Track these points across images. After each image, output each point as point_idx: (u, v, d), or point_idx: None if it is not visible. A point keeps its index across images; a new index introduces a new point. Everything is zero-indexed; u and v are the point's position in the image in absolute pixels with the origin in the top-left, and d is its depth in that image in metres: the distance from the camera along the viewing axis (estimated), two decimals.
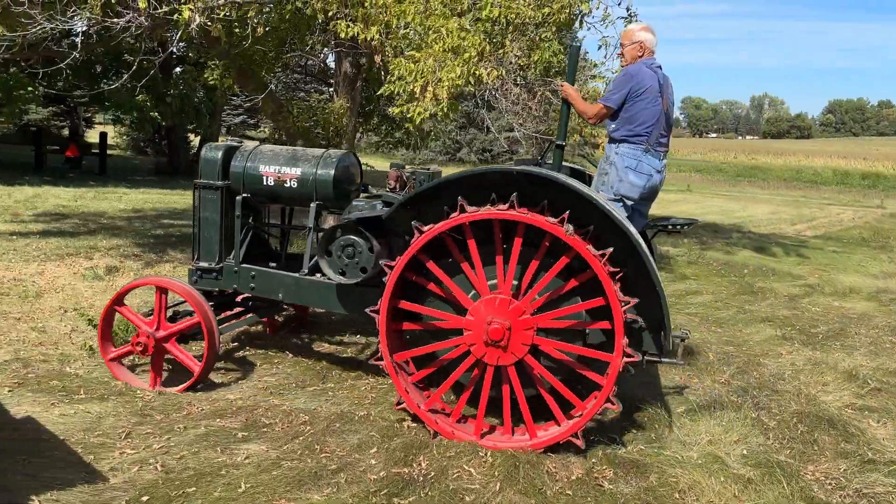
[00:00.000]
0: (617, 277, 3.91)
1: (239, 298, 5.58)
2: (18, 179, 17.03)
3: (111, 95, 19.29)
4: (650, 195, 4.67)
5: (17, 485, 3.43)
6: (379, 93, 6.90)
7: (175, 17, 5.90)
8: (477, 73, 5.82)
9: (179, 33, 6.15)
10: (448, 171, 5.05)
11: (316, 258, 4.71)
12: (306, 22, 7.19)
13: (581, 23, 8.01)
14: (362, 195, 5.02)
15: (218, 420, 4.42)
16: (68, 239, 9.99)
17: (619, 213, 4.09)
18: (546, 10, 6.40)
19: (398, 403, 4.37)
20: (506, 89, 6.66)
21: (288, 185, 5.02)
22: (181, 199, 16.99)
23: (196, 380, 4.85)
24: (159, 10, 5.84)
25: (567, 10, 6.43)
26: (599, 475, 3.95)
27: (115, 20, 6.09)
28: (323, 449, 4.08)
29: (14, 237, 9.67)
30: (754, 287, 9.66)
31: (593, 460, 4.13)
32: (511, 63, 7.62)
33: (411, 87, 5.83)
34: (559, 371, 4.21)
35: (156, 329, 4.90)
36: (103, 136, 23.13)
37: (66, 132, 28.41)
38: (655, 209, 5.50)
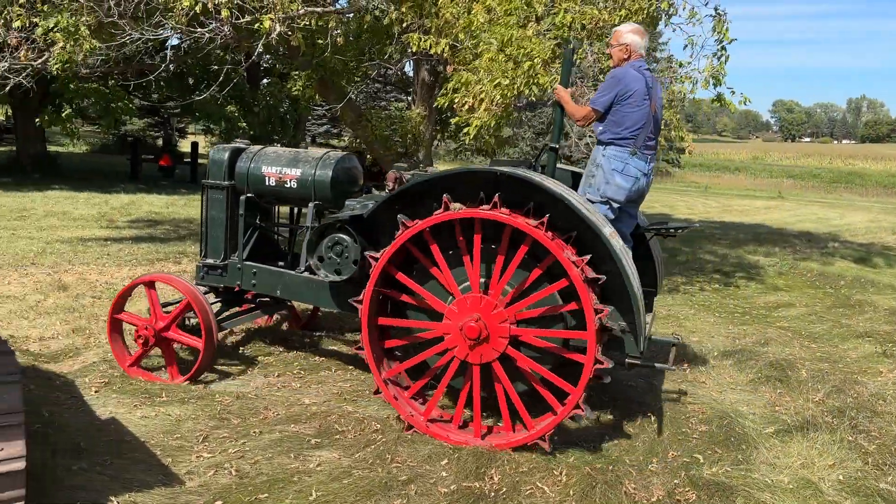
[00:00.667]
0: (598, 283, 3.95)
1: (249, 295, 5.70)
2: (115, 187, 17.90)
3: (201, 106, 20.11)
4: (637, 197, 4.70)
5: (99, 485, 3.53)
6: (435, 105, 6.87)
7: (256, 27, 6.04)
8: (539, 80, 5.69)
9: (261, 43, 6.27)
10: None
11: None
12: (384, 31, 7.23)
13: (665, 22, 7.76)
14: (364, 196, 5.09)
15: (292, 425, 4.45)
16: (159, 244, 10.40)
17: (595, 214, 4.10)
18: (623, 11, 6.20)
19: (376, 392, 4.51)
20: (578, 94, 6.49)
21: (288, 185, 5.17)
22: None
23: (199, 366, 5.01)
24: (241, 21, 5.99)
25: (644, 11, 6.21)
26: (681, 497, 3.75)
27: (200, 30, 6.29)
28: (394, 459, 4.04)
29: (108, 242, 10.13)
30: (852, 300, 9.09)
31: (675, 481, 3.93)
32: (590, 67, 7.45)
33: (466, 98, 5.79)
34: (529, 378, 4.23)
35: (154, 322, 5.09)
36: (195, 145, 24.10)
37: (160, 142, 29.74)
38: (742, 216, 5.26)
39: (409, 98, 11.80)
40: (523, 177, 4.02)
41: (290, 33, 6.13)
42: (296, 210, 5.92)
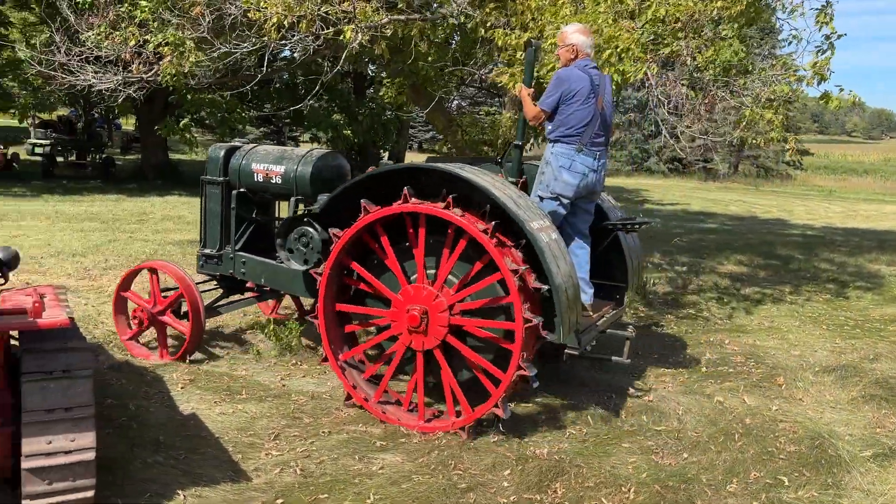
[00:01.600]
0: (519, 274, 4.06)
1: (250, 283, 6.01)
2: None
3: (310, 115, 20.86)
4: (587, 193, 4.83)
5: (170, 478, 3.69)
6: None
7: (340, 37, 6.17)
8: (621, 67, 5.48)
9: (345, 54, 6.40)
10: (620, 181, 4.79)
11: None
12: (469, 36, 7.21)
13: (768, 17, 7.32)
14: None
15: (361, 426, 4.50)
16: None
17: (524, 208, 4.18)
18: (718, 3, 5.88)
19: (323, 360, 4.83)
20: (668, 88, 6.22)
21: (274, 181, 5.51)
22: None
23: (186, 347, 5.45)
24: (325, 31, 6.14)
25: (743, 2, 5.86)
26: None
27: (287, 42, 6.50)
28: (456, 466, 4.00)
29: (186, 245, 10.64)
30: None
31: (754, 503, 3.68)
32: (686, 64, 7.13)
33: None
34: (468, 366, 4.42)
35: (153, 305, 5.57)
36: None
37: None
38: (868, 222, 4.84)
39: (502, 102, 11.74)
40: (444, 170, 4.26)
41: (371, 43, 6.23)
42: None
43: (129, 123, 35.59)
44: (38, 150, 20.50)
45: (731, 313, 7.96)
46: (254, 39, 6.52)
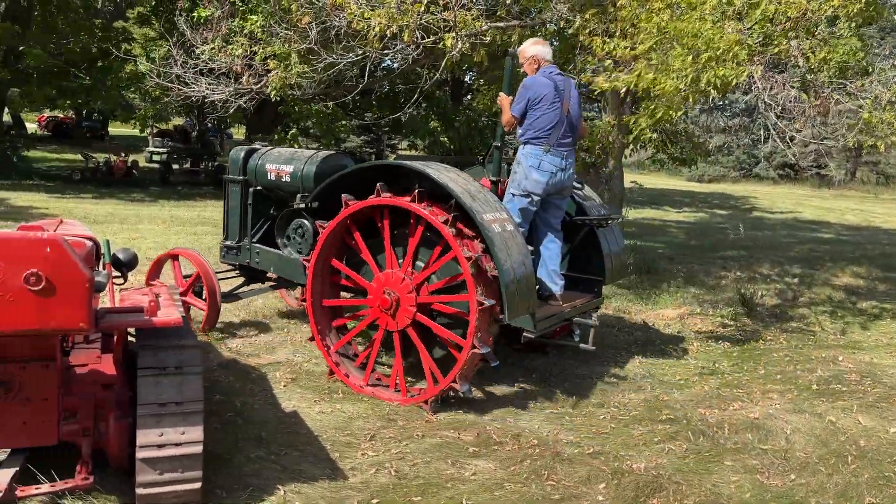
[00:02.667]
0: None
1: (270, 273, 6.35)
2: None
3: (408, 123, 21.22)
4: (556, 190, 5.26)
5: (270, 473, 3.83)
6: (597, 91, 6.65)
7: (441, 45, 6.26)
8: (720, 72, 5.27)
9: (444, 61, 6.49)
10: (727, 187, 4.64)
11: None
12: (569, 41, 7.15)
13: (890, 15, 6.88)
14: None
15: (453, 431, 4.52)
16: None
17: (477, 201, 4.55)
18: (835, 1, 5.58)
19: (310, 339, 5.32)
20: (774, 92, 5.94)
21: (284, 179, 5.93)
22: None
23: (205, 323, 6.08)
24: (425, 40, 6.24)
25: (861, 0, 5.54)
26: None
27: (388, 52, 6.65)
28: (549, 476, 3.96)
29: None
30: None
31: None
32: (798, 66, 6.81)
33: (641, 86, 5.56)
34: (443, 344, 4.86)
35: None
36: None
37: (372, 158, 31.85)
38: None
39: (599, 107, 11.55)
40: (410, 167, 4.77)
41: (471, 52, 6.28)
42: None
43: (239, 133, 37.30)
44: (156, 158, 21.80)
45: (845, 328, 7.51)
46: (358, 51, 6.70)
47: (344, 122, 19.93)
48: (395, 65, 7.84)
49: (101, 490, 3.40)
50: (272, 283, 6.68)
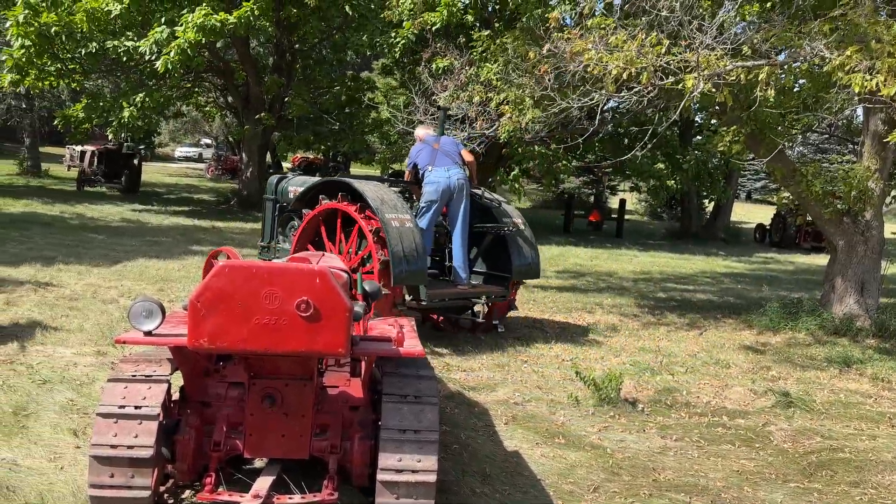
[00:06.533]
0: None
1: None
2: (547, 239, 19.50)
3: (632, 165, 20.78)
4: (451, 193, 7.21)
5: None
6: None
7: (680, 86, 6.07)
8: None
9: (683, 103, 6.27)
10: None
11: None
12: (824, 79, 6.59)
13: None
14: None
15: (682, 495, 4.25)
16: (578, 294, 11.01)
17: (385, 204, 6.64)
18: None
19: None
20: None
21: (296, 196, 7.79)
22: (688, 263, 17.17)
23: None
24: (664, 82, 6.09)
25: None
26: None
27: (627, 94, 6.58)
28: None
29: (535, 290, 11.08)
30: None
31: None
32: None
33: None
34: None
35: None
36: (622, 202, 25.06)
37: (591, 199, 31.60)
38: None
39: (855, 150, 10.47)
40: (344, 182, 7.12)
41: (714, 91, 6.02)
42: None
43: None
44: None
45: None
46: (594, 95, 6.71)
47: (564, 163, 20.01)
48: (627, 107, 7.71)
49: None
50: None
